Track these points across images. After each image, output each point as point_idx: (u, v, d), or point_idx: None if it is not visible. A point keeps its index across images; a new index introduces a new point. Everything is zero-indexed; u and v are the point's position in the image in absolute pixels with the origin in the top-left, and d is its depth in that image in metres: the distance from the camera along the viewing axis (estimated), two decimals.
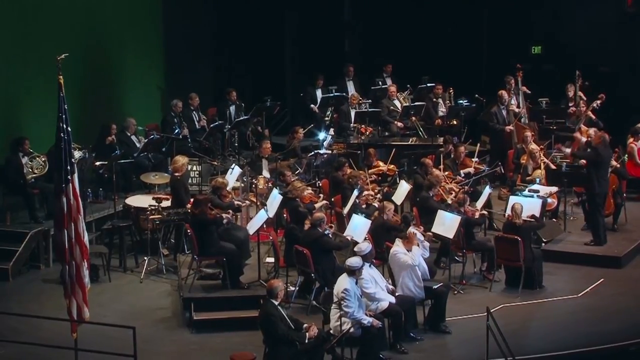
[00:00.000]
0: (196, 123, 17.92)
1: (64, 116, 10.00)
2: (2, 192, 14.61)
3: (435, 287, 11.88)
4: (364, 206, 13.91)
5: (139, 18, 19.20)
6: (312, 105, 19.39)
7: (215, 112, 18.94)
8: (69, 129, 10.06)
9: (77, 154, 13.68)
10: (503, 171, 16.46)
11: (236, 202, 13.76)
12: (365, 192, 14.20)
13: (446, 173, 15.40)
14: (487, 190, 14.51)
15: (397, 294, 11.53)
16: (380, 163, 16.15)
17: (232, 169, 14.87)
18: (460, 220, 12.87)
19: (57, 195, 10.02)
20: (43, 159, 14.49)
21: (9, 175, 14.42)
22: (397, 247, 11.88)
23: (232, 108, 18.70)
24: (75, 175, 10.10)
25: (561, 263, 13.87)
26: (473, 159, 16.30)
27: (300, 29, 21.37)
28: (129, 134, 16.43)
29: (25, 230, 14.01)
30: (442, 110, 18.99)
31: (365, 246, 11.39)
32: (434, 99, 19.03)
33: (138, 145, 16.37)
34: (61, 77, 10.01)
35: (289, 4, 21.14)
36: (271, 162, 16.16)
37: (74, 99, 14.52)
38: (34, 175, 14.47)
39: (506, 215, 13.53)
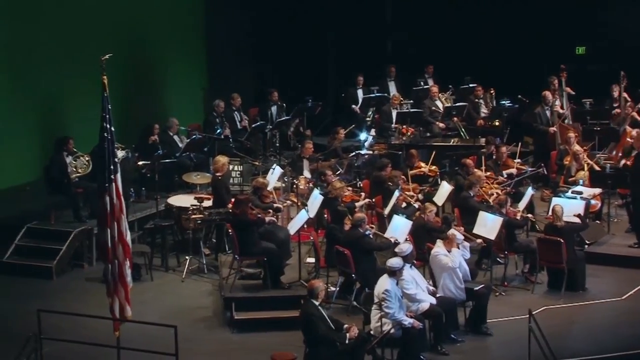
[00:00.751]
0: (238, 123, 18.00)
1: (107, 116, 10.06)
2: (46, 191, 14.74)
3: (477, 288, 11.82)
4: (403, 206, 13.87)
5: (182, 18, 19.35)
6: (353, 106, 19.39)
7: (257, 113, 19.01)
8: (113, 128, 10.13)
9: (120, 154, 13.76)
10: (546, 172, 16.33)
11: (276, 205, 13.78)
12: (405, 192, 14.17)
13: (488, 174, 15.31)
14: (530, 191, 14.39)
15: (438, 295, 11.49)
16: (422, 164, 16.09)
17: (274, 169, 14.90)
18: (502, 222, 12.79)
19: (100, 194, 10.10)
20: (87, 159, 14.61)
21: (54, 175, 14.55)
22: (438, 248, 11.84)
23: (274, 108, 18.75)
24: (118, 175, 10.16)
25: (604, 265, 13.71)
26: (515, 160, 16.19)
27: (342, 30, 21.36)
28: (171, 134, 16.54)
29: (69, 230, 14.15)
30: (483, 111, 18.89)
31: (406, 247, 11.36)
32: (475, 100, 18.94)
33: (180, 145, 16.47)
34: (105, 77, 10.08)
35: (331, 5, 21.13)
36: (312, 162, 16.17)
37: (117, 98, 14.62)
38: (78, 174, 14.59)
39: (547, 217, 13.41)
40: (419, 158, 16.26)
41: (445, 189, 14.58)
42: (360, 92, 19.61)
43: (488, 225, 12.83)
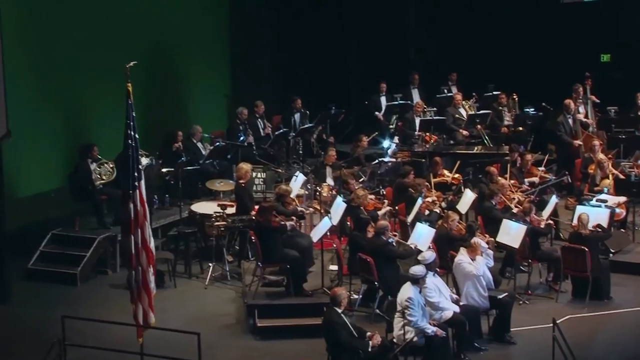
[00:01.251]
0: (261, 130, 18.04)
1: (131, 123, 10.12)
2: (71, 198, 14.82)
3: (500, 297, 11.77)
4: (426, 213, 13.85)
5: (206, 26, 19.42)
6: (376, 113, 19.39)
7: (280, 120, 19.05)
8: (137, 135, 10.18)
9: (144, 161, 13.83)
10: (570, 180, 16.25)
11: (300, 209, 13.80)
12: (427, 199, 14.14)
13: (512, 182, 15.25)
14: (554, 199, 14.32)
15: (461, 304, 11.45)
16: (446, 172, 16.05)
17: (296, 176, 14.92)
18: (526, 230, 12.73)
19: (124, 201, 10.14)
20: (111, 166, 14.68)
21: (78, 182, 14.63)
22: (462, 256, 11.81)
23: (297, 116, 18.78)
24: (142, 182, 10.21)
25: (629, 274, 13.61)
26: (540, 168, 16.12)
27: (365, 37, 21.36)
28: (195, 141, 16.59)
29: (93, 236, 14.23)
30: (507, 119, 18.82)
31: (429, 255, 11.33)
32: (499, 108, 18.87)
33: (204, 152, 16.52)
34: (129, 84, 10.14)
35: (354, 12, 21.14)
36: (335, 169, 16.17)
37: (141, 106, 14.69)
38: (102, 181, 14.66)
39: (572, 225, 13.34)
40: (443, 166, 16.22)
41: (468, 197, 14.53)
42: (383, 100, 19.61)
43: (512, 233, 12.78)
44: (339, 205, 13.29)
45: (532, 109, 18.42)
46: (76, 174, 14.70)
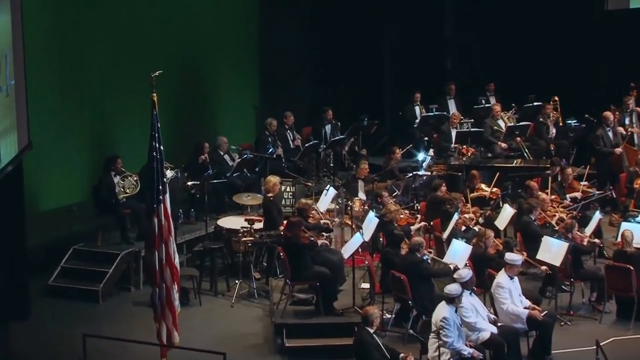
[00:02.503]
0: (290, 142, 18.08)
1: (156, 134, 10.18)
2: (94, 212, 14.91)
3: (541, 317, 11.68)
4: (462, 229, 13.79)
5: (234, 36, 19.49)
6: (417, 120, 19.31)
7: (311, 131, 19.06)
8: (162, 147, 10.24)
9: (169, 174, 13.88)
10: (615, 196, 16.11)
11: (323, 221, 13.78)
12: (464, 215, 14.08)
13: (553, 197, 15.16)
14: (597, 215, 14.21)
15: (499, 324, 11.38)
16: (483, 186, 15.99)
17: (327, 190, 14.91)
18: (567, 247, 12.65)
19: (148, 215, 10.20)
20: (135, 179, 14.76)
21: (102, 195, 14.72)
22: (501, 276, 11.75)
23: (328, 127, 18.79)
24: (167, 195, 10.27)
25: None
26: (582, 182, 16.00)
27: (400, 46, 21.34)
28: (221, 153, 16.64)
29: (116, 252, 14.30)
30: (552, 131, 18.69)
31: (466, 273, 11.29)
32: (541, 119, 18.74)
33: (231, 164, 16.56)
34: (155, 94, 10.20)
35: (389, 20, 21.15)
36: (367, 183, 16.16)
37: (167, 117, 14.79)
38: (126, 195, 14.74)
39: (616, 242, 13.23)
40: (480, 180, 16.16)
41: (507, 212, 14.45)
42: (417, 110, 19.59)
43: (553, 250, 12.70)
44: (371, 221, 13.28)
45: (575, 121, 18.29)
46: (99, 187, 14.80)
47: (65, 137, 15.36)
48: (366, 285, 13.51)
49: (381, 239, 13.91)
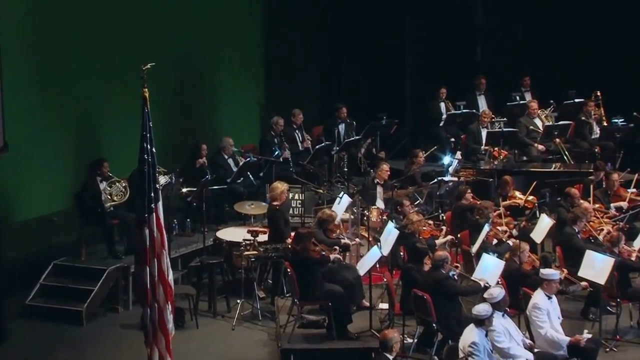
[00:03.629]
0: (299, 144, 18.12)
1: (148, 135, 10.20)
2: (77, 222, 14.94)
3: (583, 342, 11.66)
4: (494, 243, 13.78)
5: (236, 25, 19.51)
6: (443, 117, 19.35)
7: (322, 132, 19.09)
8: (154, 149, 10.26)
9: (162, 179, 13.92)
10: None
11: (344, 241, 13.79)
12: (496, 227, 14.08)
13: (597, 206, 15.13)
14: None
15: (535, 350, 11.38)
16: (517, 193, 15.98)
17: (341, 198, 14.93)
18: (613, 263, 12.62)
19: (138, 226, 10.22)
20: (124, 185, 14.79)
21: (86, 203, 14.74)
22: (538, 295, 11.74)
23: (342, 126, 18.81)
24: (160, 204, 10.28)
25: None
26: (629, 190, 15.97)
27: (423, 35, 21.33)
28: (225, 157, 16.65)
29: (102, 267, 14.32)
30: (596, 131, 18.67)
31: (497, 292, 11.28)
32: (583, 118, 18.73)
33: (235, 169, 16.53)
34: (146, 90, 10.22)
35: (410, 4, 21.13)
36: (386, 190, 16.17)
37: (160, 115, 14.83)
38: (113, 203, 14.77)
39: None
40: (514, 186, 16.15)
41: (544, 223, 14.44)
42: (443, 107, 19.59)
43: (597, 266, 12.67)
44: (391, 232, 13.29)
45: (622, 120, 18.26)
46: (83, 195, 14.82)
47: (45, 137, 15.39)
48: (385, 306, 13.52)
49: (402, 254, 13.92)
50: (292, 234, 13.59)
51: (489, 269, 12.52)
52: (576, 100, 19.17)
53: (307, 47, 20.90)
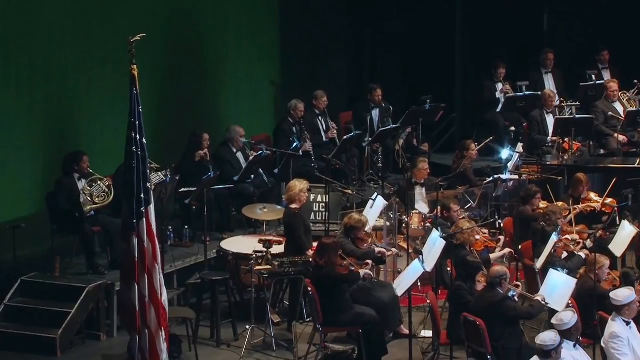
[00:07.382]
0: (323, 134, 18.16)
1: (137, 122, 10.28)
2: (49, 229, 15.01)
3: None
4: (563, 256, 13.80)
5: None
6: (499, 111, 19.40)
7: (351, 119, 19.12)
8: (145, 140, 10.33)
9: (154, 177, 13.97)
10: None
11: (378, 249, 13.83)
12: (566, 237, 14.09)
13: None
14: None
15: None
16: (593, 195, 15.98)
17: (374, 200, 14.95)
18: None
19: (125, 235, 10.30)
20: (107, 184, 14.82)
21: (60, 206, 14.77)
22: (616, 322, 11.75)
23: (375, 112, 18.85)
24: (152, 207, 10.37)
25: None
26: None
27: (479, 4, 21.30)
28: (233, 150, 16.69)
29: (81, 285, 14.34)
30: None
31: (568, 317, 11.30)
32: None
33: (244, 165, 16.53)
34: (135, 67, 10.29)
35: None
36: (430, 190, 16.19)
37: (152, 98, 14.89)
38: (94, 206, 14.80)
39: None
40: (589, 186, 16.15)
41: (626, 232, 14.44)
42: (499, 86, 19.57)
43: None
44: (436, 243, 13.31)
45: None
46: (57, 196, 14.87)
47: (9, 127, 15.44)
48: (428, 334, 13.55)
49: (449, 269, 13.94)
50: (314, 244, 13.64)
51: (557, 288, 12.52)
52: None
53: (332, 16, 20.90)
